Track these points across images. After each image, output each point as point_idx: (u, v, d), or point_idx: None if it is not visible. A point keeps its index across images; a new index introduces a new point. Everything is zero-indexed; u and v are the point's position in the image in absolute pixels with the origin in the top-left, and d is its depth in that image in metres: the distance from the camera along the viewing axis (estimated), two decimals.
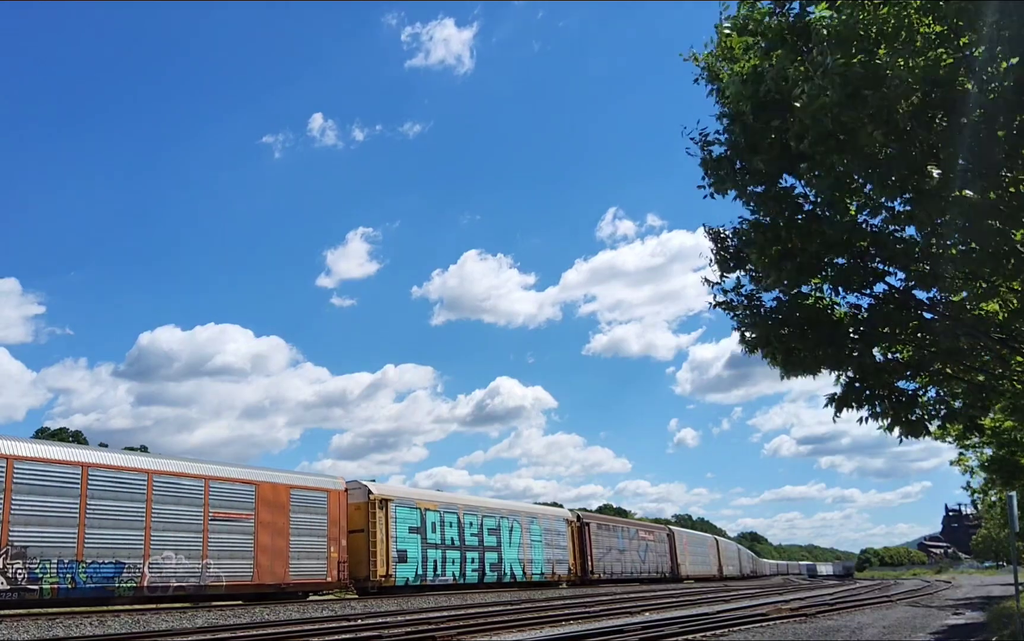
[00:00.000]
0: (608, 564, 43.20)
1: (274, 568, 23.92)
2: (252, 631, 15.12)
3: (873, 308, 10.60)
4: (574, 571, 40.07)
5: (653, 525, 58.93)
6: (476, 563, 32.42)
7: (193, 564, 21.74)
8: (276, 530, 24.25)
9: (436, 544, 30.29)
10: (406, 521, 28.89)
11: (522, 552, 35.98)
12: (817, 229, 9.58)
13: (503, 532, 34.81)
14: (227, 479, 23.42)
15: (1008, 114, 7.35)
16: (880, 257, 10.01)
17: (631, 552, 46.45)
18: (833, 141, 8.14)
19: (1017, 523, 16.16)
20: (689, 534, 65.00)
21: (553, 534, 38.98)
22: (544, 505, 45.16)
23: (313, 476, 27.46)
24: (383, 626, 15.70)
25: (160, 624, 16.79)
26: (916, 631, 16.03)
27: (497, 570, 33.76)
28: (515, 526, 35.85)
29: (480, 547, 32.95)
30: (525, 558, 36.11)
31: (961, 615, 20.83)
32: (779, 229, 9.68)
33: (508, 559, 34.71)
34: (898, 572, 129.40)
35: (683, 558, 55.39)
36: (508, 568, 34.54)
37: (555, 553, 38.80)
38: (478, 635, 14.37)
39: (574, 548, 40.67)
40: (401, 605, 22.70)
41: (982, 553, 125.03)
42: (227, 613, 19.18)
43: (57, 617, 17.20)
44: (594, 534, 42.35)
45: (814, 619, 18.61)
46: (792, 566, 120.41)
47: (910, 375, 11.47)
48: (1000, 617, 17.53)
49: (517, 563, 35.35)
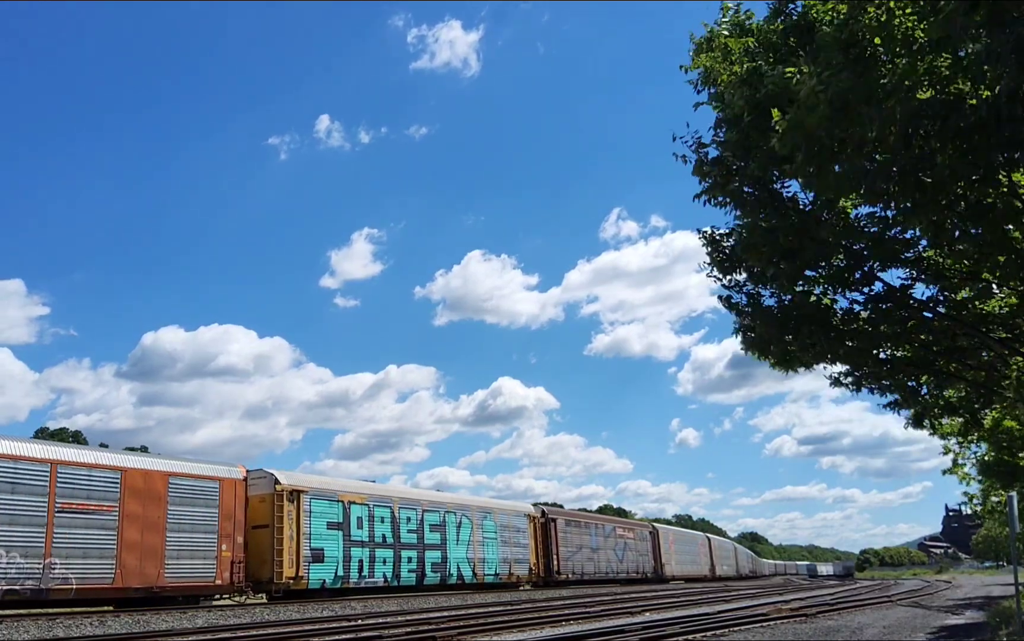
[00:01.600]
0: (577, 564, 40.36)
1: (144, 569, 20.43)
2: (252, 631, 15.14)
3: (871, 307, 10.60)
4: (536, 571, 36.88)
5: (633, 522, 55.49)
6: (414, 563, 29.00)
7: (31, 564, 18.28)
8: (149, 525, 20.72)
9: (362, 542, 26.96)
10: (324, 515, 25.61)
11: (472, 551, 32.43)
12: (812, 231, 9.59)
13: (449, 528, 31.30)
14: (82, 464, 19.93)
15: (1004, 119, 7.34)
16: (879, 257, 10.01)
17: (606, 551, 43.67)
18: (826, 153, 8.13)
19: (1017, 523, 16.15)
20: (676, 532, 62.46)
21: (511, 531, 35.51)
22: (505, 500, 42.00)
23: (203, 463, 23.58)
24: (383, 626, 15.73)
25: (160, 624, 16.80)
26: (916, 631, 16.03)
27: (440, 571, 30.32)
28: (464, 522, 32.32)
29: (419, 545, 29.49)
30: (476, 557, 32.59)
31: (961, 615, 20.83)
32: (774, 230, 9.69)
33: (454, 558, 31.27)
34: (898, 572, 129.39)
35: (668, 557, 52.88)
36: (454, 568, 31.13)
37: (514, 552, 35.32)
38: (479, 635, 14.38)
39: (537, 546, 37.39)
40: (402, 605, 22.70)
41: (982, 553, 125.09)
42: (227, 613, 19.18)
43: (57, 617, 17.20)
44: (561, 531, 39.42)
45: (814, 619, 18.61)
46: (792, 566, 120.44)
47: (912, 373, 11.48)
48: (1000, 617, 17.54)
49: (466, 563, 31.89)
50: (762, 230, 9.71)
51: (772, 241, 9.64)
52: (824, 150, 8.03)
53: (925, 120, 7.34)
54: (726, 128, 9.58)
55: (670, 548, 53.72)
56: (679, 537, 59.47)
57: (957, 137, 7.47)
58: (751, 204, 9.79)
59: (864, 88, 7.26)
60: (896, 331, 10.79)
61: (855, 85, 7.25)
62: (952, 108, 7.27)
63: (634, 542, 47.97)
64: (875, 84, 7.25)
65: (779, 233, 9.60)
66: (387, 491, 30.66)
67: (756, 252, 9.78)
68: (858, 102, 7.32)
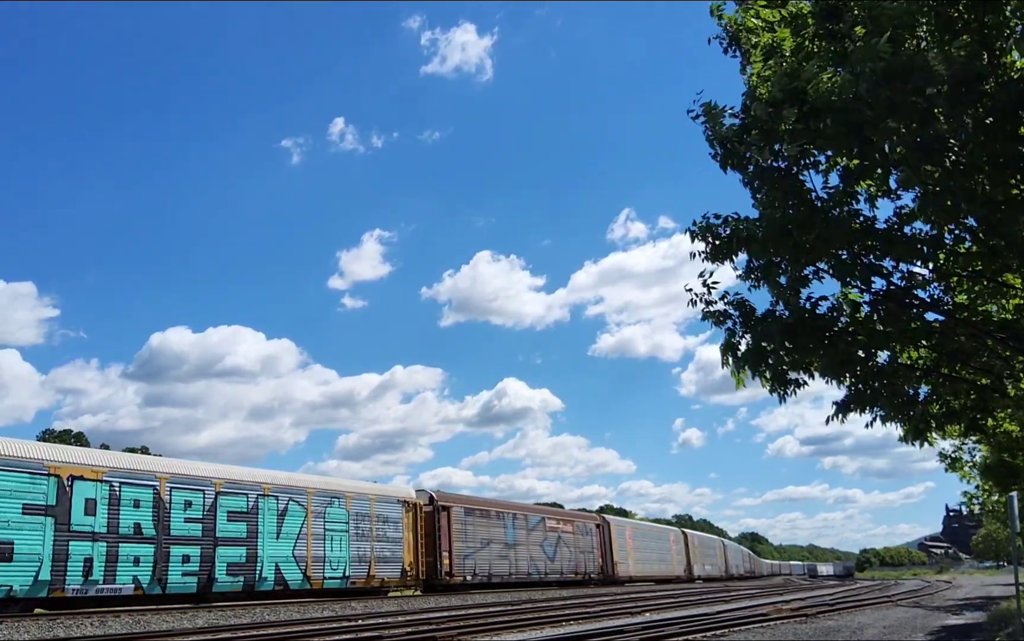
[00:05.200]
0: (482, 563, 33.38)
1: None
2: (253, 631, 15.16)
3: (874, 306, 10.51)
4: (415, 572, 29.52)
5: (573, 513, 48.02)
6: (193, 563, 21.85)
7: None
8: None
9: (93, 534, 19.84)
10: (16, 495, 18.65)
11: (301, 547, 24.97)
12: (820, 221, 9.46)
13: (262, 517, 23.92)
14: None
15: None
16: (888, 253, 9.86)
17: (528, 547, 37.04)
18: (854, 133, 8.08)
19: (1018, 523, 16.15)
20: (636, 525, 55.62)
21: (376, 522, 28.07)
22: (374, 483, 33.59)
23: None
24: (384, 626, 15.76)
25: (161, 624, 16.82)
26: (916, 631, 16.04)
27: (245, 573, 23.07)
28: (291, 509, 24.94)
29: (206, 539, 22.29)
30: (309, 555, 25.18)
31: (961, 615, 20.83)
32: (786, 218, 9.50)
33: (270, 557, 23.89)
34: (898, 572, 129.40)
35: (624, 555, 46.31)
36: (269, 570, 23.76)
37: (378, 548, 27.94)
38: (479, 635, 14.40)
39: (419, 542, 29.96)
40: (402, 605, 22.73)
41: (982, 553, 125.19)
42: (227, 613, 19.20)
43: (58, 617, 17.20)
44: (458, 522, 32.29)
45: (815, 619, 18.63)
46: (791, 566, 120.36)
47: (917, 379, 11.42)
48: (1000, 618, 17.54)
49: (290, 563, 24.54)
50: (775, 219, 9.49)
51: (782, 228, 9.44)
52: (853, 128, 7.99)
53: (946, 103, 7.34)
54: (749, 102, 9.38)
55: (627, 544, 47.41)
56: (641, 531, 52.92)
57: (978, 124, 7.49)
58: (767, 185, 9.53)
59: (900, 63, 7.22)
60: (903, 332, 10.70)
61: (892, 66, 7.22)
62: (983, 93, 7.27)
63: (572, 537, 41.48)
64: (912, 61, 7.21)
65: (791, 221, 9.43)
66: (149, 465, 22.89)
67: (761, 241, 9.58)
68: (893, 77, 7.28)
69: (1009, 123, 7.57)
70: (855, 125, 8.07)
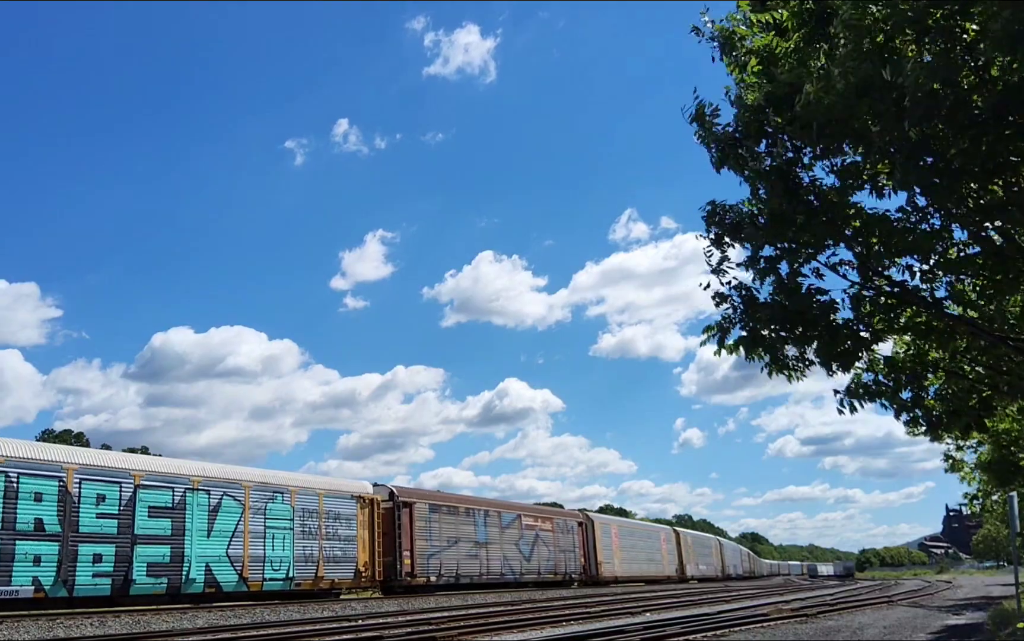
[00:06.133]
0: (449, 562, 31.28)
1: None
2: (253, 631, 15.16)
3: (873, 302, 10.53)
4: (370, 573, 27.52)
5: (552, 511, 45.04)
6: (107, 563, 20.03)
7: None
8: None
9: None
10: None
11: (237, 546, 22.89)
12: (819, 217, 9.49)
13: (190, 513, 21.89)
14: None
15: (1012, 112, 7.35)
16: (886, 249, 9.88)
17: (502, 546, 35.21)
18: (841, 131, 8.13)
19: (1018, 523, 16.17)
20: (622, 523, 53.49)
21: (326, 519, 26.21)
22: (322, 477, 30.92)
23: None
24: (384, 626, 15.76)
25: (160, 625, 16.82)
26: (917, 631, 16.04)
27: (170, 573, 21.18)
28: (226, 504, 22.87)
29: (124, 537, 20.42)
30: (246, 555, 23.10)
31: (961, 615, 20.83)
32: (784, 212, 9.54)
33: (197, 556, 21.81)
34: (899, 572, 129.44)
35: (609, 555, 44.63)
36: (198, 571, 21.73)
37: (328, 547, 26.05)
38: (479, 635, 14.40)
39: (375, 540, 27.98)
40: (402, 605, 22.73)
41: (982, 553, 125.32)
42: (227, 613, 19.21)
43: (58, 617, 17.20)
44: (421, 519, 30.17)
45: (815, 619, 18.63)
46: (788, 566, 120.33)
47: (916, 373, 11.43)
48: (1001, 618, 17.54)
49: (224, 563, 22.47)
50: (774, 211, 9.53)
51: (780, 217, 9.49)
52: (841, 127, 8.03)
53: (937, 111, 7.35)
54: (739, 109, 9.44)
55: (612, 543, 45.76)
56: (628, 529, 50.85)
57: (967, 129, 7.49)
58: (763, 181, 9.59)
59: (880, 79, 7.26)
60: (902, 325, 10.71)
61: (871, 76, 7.26)
62: (961, 101, 7.28)
63: (552, 535, 39.54)
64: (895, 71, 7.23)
65: (789, 220, 9.46)
66: (55, 454, 20.40)
67: (769, 232, 9.62)
68: (874, 90, 7.34)
69: (994, 129, 7.56)
70: (841, 130, 8.14)
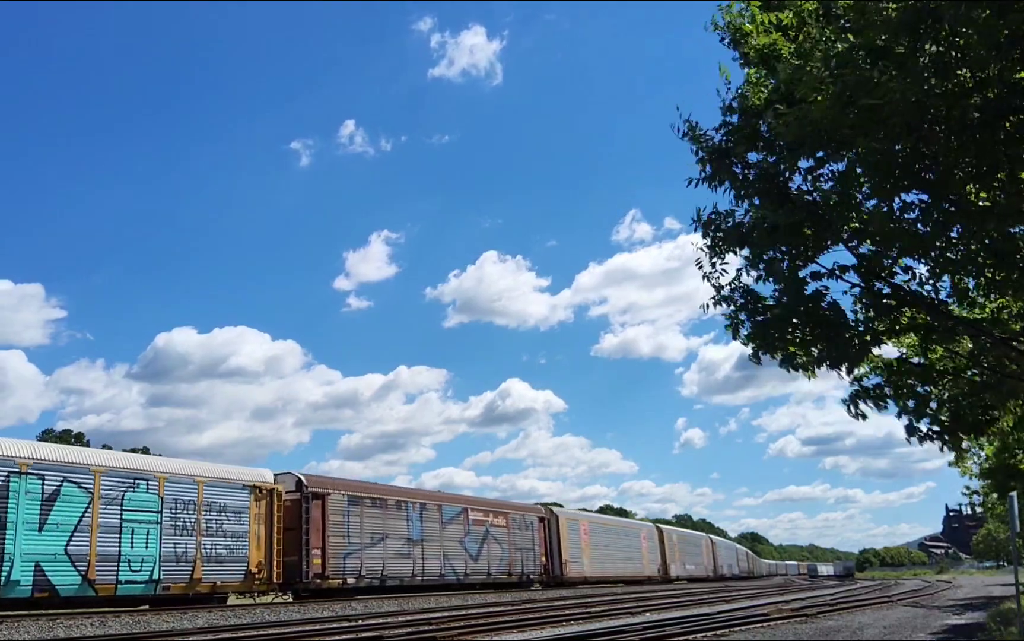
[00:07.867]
0: (371, 562, 27.62)
1: None
2: (253, 631, 15.16)
3: (875, 304, 10.52)
4: (267, 574, 23.74)
5: (509, 505, 39.49)
6: None
7: None
8: None
9: None
10: None
11: (81, 542, 19.29)
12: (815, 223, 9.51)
13: (15, 502, 18.25)
14: None
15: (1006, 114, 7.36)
16: (887, 251, 9.87)
17: (442, 543, 31.44)
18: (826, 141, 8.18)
19: (1018, 523, 16.16)
20: (595, 519, 49.10)
21: (202, 511, 22.32)
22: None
23: None
24: (384, 626, 15.76)
25: (161, 625, 16.82)
26: (917, 631, 16.04)
27: None
28: (63, 493, 19.16)
29: None
30: (93, 553, 19.43)
31: (962, 615, 20.83)
32: (779, 219, 9.56)
33: (24, 554, 18.26)
34: (899, 572, 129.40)
35: (576, 553, 41.09)
36: (22, 572, 18.10)
37: (208, 545, 22.28)
38: (479, 635, 14.41)
39: (273, 536, 24.13)
40: (402, 605, 22.73)
41: (983, 553, 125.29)
42: (227, 613, 19.21)
43: (58, 617, 17.21)
44: (336, 513, 26.56)
45: (815, 619, 18.63)
46: (788, 566, 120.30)
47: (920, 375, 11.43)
48: (1001, 618, 17.55)
49: (61, 562, 18.85)
50: (765, 222, 9.57)
51: (774, 227, 9.51)
52: (830, 140, 8.08)
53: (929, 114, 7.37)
54: (739, 115, 9.48)
55: (581, 540, 42.20)
56: (600, 526, 46.73)
57: (961, 132, 7.50)
58: (756, 192, 9.63)
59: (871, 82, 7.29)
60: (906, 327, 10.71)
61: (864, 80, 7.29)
62: (955, 102, 7.29)
63: (505, 532, 35.78)
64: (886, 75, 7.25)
65: (782, 228, 9.48)
66: None
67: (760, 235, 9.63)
68: (865, 96, 7.36)
69: (989, 132, 7.56)
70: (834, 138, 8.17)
